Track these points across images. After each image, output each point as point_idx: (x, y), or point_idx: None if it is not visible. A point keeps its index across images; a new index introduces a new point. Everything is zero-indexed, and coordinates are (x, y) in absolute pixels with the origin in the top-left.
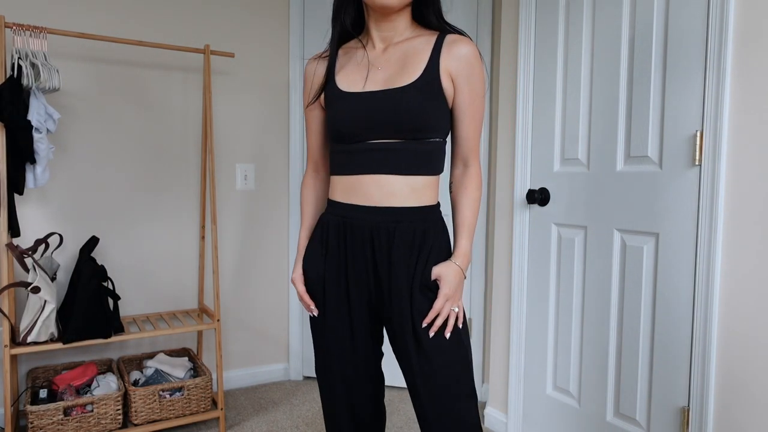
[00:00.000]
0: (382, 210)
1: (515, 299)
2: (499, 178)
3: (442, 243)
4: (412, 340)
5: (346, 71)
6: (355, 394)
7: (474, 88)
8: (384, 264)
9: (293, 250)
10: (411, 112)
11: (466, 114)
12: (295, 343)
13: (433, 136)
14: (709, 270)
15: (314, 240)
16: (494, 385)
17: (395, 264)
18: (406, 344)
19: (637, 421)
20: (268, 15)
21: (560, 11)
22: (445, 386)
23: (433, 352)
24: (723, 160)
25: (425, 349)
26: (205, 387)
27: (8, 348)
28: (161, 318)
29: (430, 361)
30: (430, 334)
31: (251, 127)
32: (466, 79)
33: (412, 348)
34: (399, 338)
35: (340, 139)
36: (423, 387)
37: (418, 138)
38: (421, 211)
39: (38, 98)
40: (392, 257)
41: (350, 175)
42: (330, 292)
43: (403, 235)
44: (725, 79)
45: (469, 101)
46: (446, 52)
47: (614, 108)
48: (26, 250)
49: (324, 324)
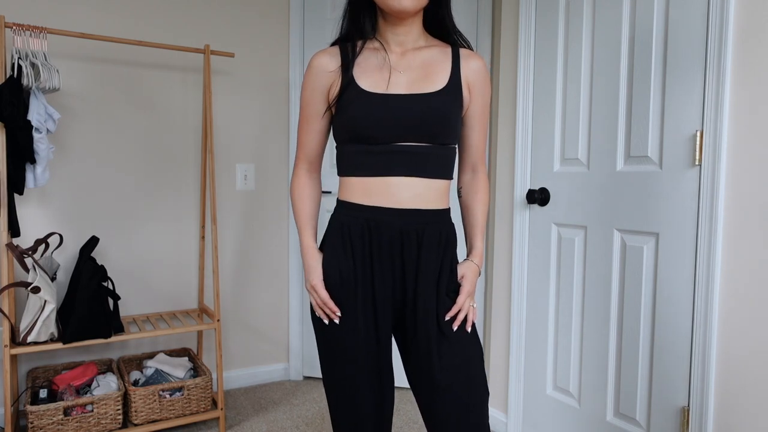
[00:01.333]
0: (410, 212)
1: (515, 299)
2: (499, 178)
3: (456, 244)
4: (436, 335)
5: (365, 71)
6: (378, 398)
7: (485, 99)
8: (412, 265)
9: (293, 250)
10: (442, 118)
11: (477, 122)
12: (295, 343)
13: (453, 142)
14: (709, 270)
15: (334, 243)
16: (494, 385)
17: (424, 265)
18: (429, 340)
19: (637, 421)
20: (268, 15)
21: (560, 11)
22: (470, 377)
23: (458, 346)
24: (723, 160)
25: (451, 343)
26: (205, 387)
27: (8, 348)
28: (161, 318)
29: (456, 355)
30: (453, 328)
31: (251, 127)
32: (480, 90)
33: (435, 343)
34: (422, 335)
35: (360, 140)
36: (445, 380)
37: (443, 143)
38: (442, 214)
39: (38, 98)
40: (421, 259)
41: (373, 177)
42: (358, 295)
43: (430, 237)
44: (725, 79)
45: (481, 111)
46: (464, 64)
47: (614, 108)
48: (26, 250)
49: (347, 327)
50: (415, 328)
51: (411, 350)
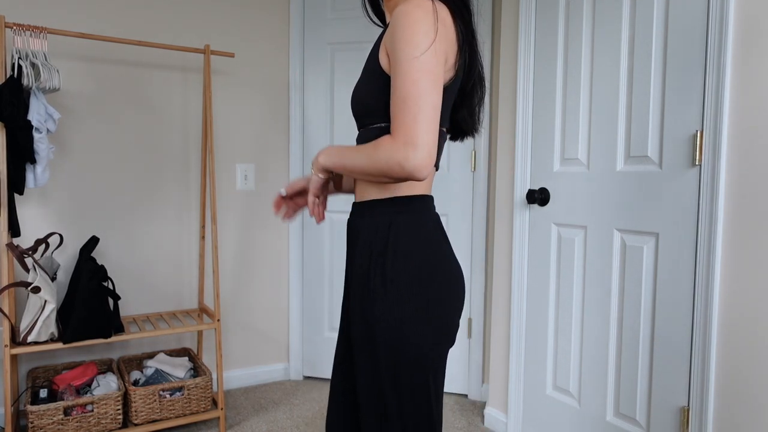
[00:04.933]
0: (355, 206)
1: (515, 299)
2: (499, 178)
3: (395, 240)
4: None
5: None
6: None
7: (394, 51)
8: (350, 266)
9: (293, 250)
10: (355, 98)
11: (392, 81)
12: (295, 343)
13: (375, 122)
14: (709, 270)
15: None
16: (494, 385)
17: (356, 263)
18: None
19: (637, 421)
20: (268, 15)
21: (560, 11)
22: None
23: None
24: (723, 160)
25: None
26: (205, 387)
27: (8, 348)
28: (161, 318)
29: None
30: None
31: (251, 127)
32: (391, 43)
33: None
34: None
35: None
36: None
37: (362, 125)
38: (378, 204)
39: (38, 98)
40: (355, 256)
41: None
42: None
43: (365, 232)
44: (725, 79)
45: (392, 68)
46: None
47: (614, 108)
48: (26, 250)
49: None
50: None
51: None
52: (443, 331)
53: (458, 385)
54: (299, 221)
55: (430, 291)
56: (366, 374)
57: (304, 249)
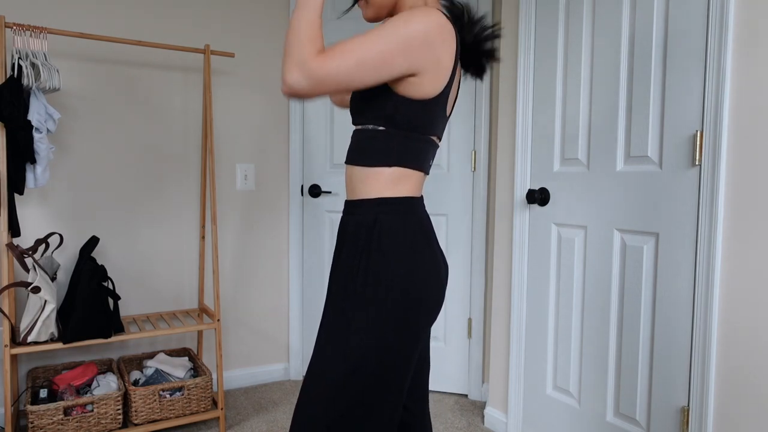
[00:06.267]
0: (346, 204)
1: (515, 299)
2: (499, 178)
3: (383, 239)
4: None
5: None
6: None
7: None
8: (335, 263)
9: (293, 250)
10: (353, 97)
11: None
12: (295, 343)
13: (370, 123)
14: (709, 270)
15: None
16: (494, 385)
17: (343, 262)
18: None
19: (637, 421)
20: (268, 15)
21: (560, 11)
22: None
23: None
24: (723, 160)
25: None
26: (205, 387)
27: (8, 348)
28: (161, 318)
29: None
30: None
31: (251, 127)
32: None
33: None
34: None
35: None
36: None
37: (358, 123)
38: (364, 204)
39: (38, 98)
40: (342, 254)
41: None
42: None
43: (353, 230)
44: (725, 79)
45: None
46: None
47: (614, 108)
48: (26, 250)
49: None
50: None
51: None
52: (410, 332)
53: (458, 385)
54: (299, 221)
55: (402, 294)
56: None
57: (304, 249)
